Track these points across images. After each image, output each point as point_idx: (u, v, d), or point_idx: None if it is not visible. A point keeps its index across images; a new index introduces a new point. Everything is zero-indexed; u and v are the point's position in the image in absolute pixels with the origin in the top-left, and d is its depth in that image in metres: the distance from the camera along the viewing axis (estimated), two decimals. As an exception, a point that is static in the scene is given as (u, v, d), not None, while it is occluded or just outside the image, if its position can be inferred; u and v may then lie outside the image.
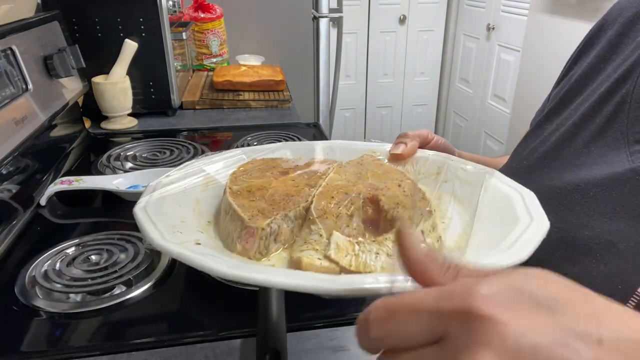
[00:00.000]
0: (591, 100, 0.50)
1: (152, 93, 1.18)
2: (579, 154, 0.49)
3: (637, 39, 0.49)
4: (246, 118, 1.22)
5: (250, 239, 0.41)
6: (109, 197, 0.77)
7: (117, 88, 1.08)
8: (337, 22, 1.78)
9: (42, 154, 0.82)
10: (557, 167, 0.51)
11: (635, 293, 0.38)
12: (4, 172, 0.69)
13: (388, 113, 3.24)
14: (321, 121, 1.77)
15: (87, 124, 1.10)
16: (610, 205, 0.43)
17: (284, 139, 1.02)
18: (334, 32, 1.73)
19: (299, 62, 1.97)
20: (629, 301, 0.38)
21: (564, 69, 0.61)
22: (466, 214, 0.48)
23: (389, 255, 0.37)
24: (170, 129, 1.13)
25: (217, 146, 1.05)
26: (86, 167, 0.90)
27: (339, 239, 0.39)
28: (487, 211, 0.46)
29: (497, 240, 0.38)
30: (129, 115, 1.15)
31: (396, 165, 0.57)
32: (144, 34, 1.10)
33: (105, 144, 1.03)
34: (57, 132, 0.90)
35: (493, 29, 2.62)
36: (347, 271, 0.37)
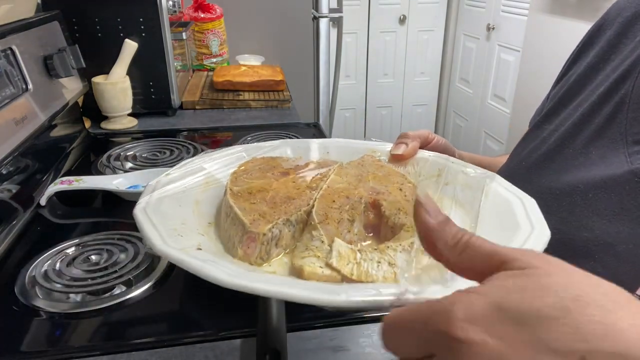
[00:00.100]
0: (590, 100, 0.50)
1: (152, 93, 1.18)
2: (577, 154, 0.49)
3: (636, 39, 0.49)
4: (246, 118, 1.22)
5: (251, 244, 0.41)
6: (109, 197, 0.77)
7: (117, 88, 1.08)
8: (337, 22, 1.78)
9: (42, 154, 0.82)
10: (556, 168, 0.51)
11: (634, 295, 0.38)
12: (4, 172, 0.69)
13: (388, 113, 3.24)
14: (321, 121, 1.77)
15: (87, 124, 1.10)
16: (609, 207, 0.43)
17: (284, 139, 1.02)
18: (334, 32, 1.73)
19: (299, 62, 1.97)
20: None
21: (563, 69, 0.61)
22: (467, 218, 0.48)
23: (391, 265, 0.37)
24: (170, 129, 1.13)
25: (217, 146, 1.05)
26: (86, 167, 0.90)
27: (340, 247, 0.39)
28: (487, 216, 0.46)
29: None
30: (129, 115, 1.15)
31: (397, 166, 0.57)
32: (144, 34, 1.10)
33: (105, 144, 1.03)
34: (57, 132, 0.90)
35: (493, 29, 2.62)
36: (348, 280, 0.37)
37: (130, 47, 1.08)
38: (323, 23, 1.65)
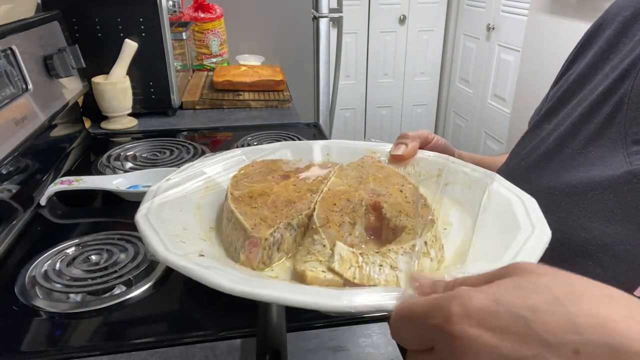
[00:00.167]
0: (589, 100, 0.50)
1: (152, 93, 1.18)
2: (576, 154, 0.49)
3: (635, 38, 0.49)
4: (246, 118, 1.22)
5: (253, 249, 0.41)
6: (109, 197, 0.77)
7: (117, 88, 1.08)
8: (337, 22, 1.78)
9: (42, 154, 0.82)
10: (555, 168, 0.51)
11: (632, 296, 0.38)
12: (4, 172, 0.69)
13: (388, 113, 3.24)
14: (321, 121, 1.77)
15: (87, 124, 1.10)
16: (608, 208, 0.43)
17: (284, 139, 1.02)
18: (334, 32, 1.73)
19: (299, 62, 1.97)
20: None
21: (562, 68, 0.61)
22: (468, 219, 0.48)
23: (393, 268, 0.37)
24: (170, 129, 1.13)
25: (217, 146, 1.05)
26: (86, 167, 0.90)
27: (342, 250, 0.39)
28: (488, 216, 0.46)
29: (500, 251, 0.38)
30: (129, 115, 1.15)
31: (397, 166, 0.57)
32: (144, 34, 1.10)
33: (105, 144, 1.03)
34: (57, 132, 0.90)
35: (493, 29, 2.62)
36: (351, 284, 0.37)
37: (130, 47, 1.08)
38: (323, 23, 1.65)
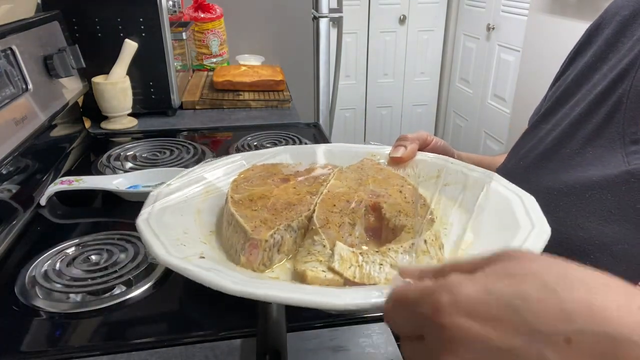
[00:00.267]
0: (588, 100, 0.50)
1: (152, 93, 1.18)
2: (574, 154, 0.49)
3: (634, 37, 0.49)
4: (246, 118, 1.22)
5: (254, 251, 0.41)
6: (109, 197, 0.77)
7: (117, 88, 1.08)
8: (337, 22, 1.78)
9: (42, 154, 0.82)
10: (553, 168, 0.51)
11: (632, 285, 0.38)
12: (4, 172, 0.69)
13: (388, 113, 3.24)
14: (321, 121, 1.77)
15: (87, 124, 1.10)
16: (605, 208, 0.43)
17: (284, 139, 1.02)
18: (334, 32, 1.73)
19: (299, 62, 1.97)
20: None
21: (561, 68, 0.61)
22: (466, 218, 0.48)
23: (393, 266, 0.38)
24: (170, 129, 1.13)
25: (217, 146, 1.05)
26: (86, 167, 0.90)
27: (342, 250, 0.39)
28: (487, 215, 0.46)
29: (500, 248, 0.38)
30: (129, 115, 1.15)
31: (396, 168, 0.57)
32: (144, 34, 1.10)
33: (105, 144, 1.03)
34: (57, 132, 0.90)
35: (493, 29, 2.62)
36: (351, 283, 0.37)
37: (130, 47, 1.08)
38: (323, 23, 1.65)
